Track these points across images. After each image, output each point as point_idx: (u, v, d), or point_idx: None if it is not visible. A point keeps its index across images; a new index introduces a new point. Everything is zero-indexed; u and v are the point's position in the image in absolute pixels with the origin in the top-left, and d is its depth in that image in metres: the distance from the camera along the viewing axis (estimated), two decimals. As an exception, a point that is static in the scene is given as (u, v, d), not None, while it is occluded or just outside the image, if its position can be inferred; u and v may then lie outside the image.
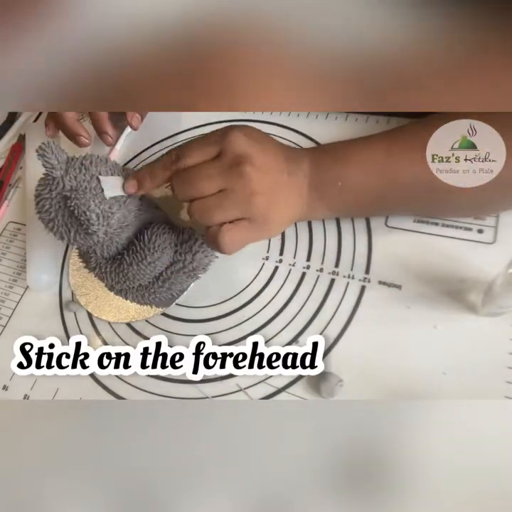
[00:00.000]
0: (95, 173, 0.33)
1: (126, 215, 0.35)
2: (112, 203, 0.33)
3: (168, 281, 0.38)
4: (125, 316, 0.42)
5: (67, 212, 0.33)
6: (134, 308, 0.42)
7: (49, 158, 0.32)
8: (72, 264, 0.47)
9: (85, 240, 0.34)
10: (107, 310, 0.42)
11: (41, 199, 0.33)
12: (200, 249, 0.38)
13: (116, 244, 0.36)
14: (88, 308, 0.43)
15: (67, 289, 0.46)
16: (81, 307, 0.44)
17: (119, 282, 0.38)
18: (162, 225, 0.38)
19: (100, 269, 0.39)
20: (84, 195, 0.32)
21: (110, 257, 0.38)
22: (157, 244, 0.36)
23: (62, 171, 0.33)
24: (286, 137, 0.47)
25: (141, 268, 0.36)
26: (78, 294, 0.44)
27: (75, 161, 0.33)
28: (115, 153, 0.54)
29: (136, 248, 0.36)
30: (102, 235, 0.34)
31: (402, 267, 0.37)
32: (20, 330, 0.45)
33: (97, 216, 0.32)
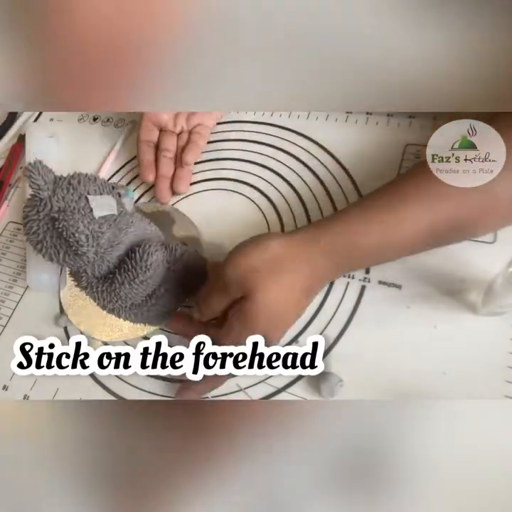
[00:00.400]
0: (84, 192, 0.32)
1: (116, 234, 0.34)
2: (101, 222, 0.32)
3: (161, 299, 0.38)
4: (119, 334, 0.41)
5: (55, 234, 0.32)
6: (128, 327, 0.41)
7: (35, 179, 0.31)
8: (62, 285, 0.45)
9: (75, 260, 0.33)
10: (100, 329, 0.42)
11: (28, 220, 0.32)
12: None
13: (108, 263, 0.35)
14: (81, 328, 0.42)
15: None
16: (70, 322, 0.43)
17: (111, 301, 0.37)
18: (154, 243, 0.36)
19: (92, 288, 0.37)
20: (73, 216, 0.31)
21: (102, 276, 0.37)
22: (149, 262, 0.35)
23: (50, 192, 0.32)
24: (287, 138, 0.47)
25: (133, 287, 0.36)
26: (70, 314, 0.43)
27: (62, 180, 0.32)
28: (114, 153, 0.54)
29: (127, 267, 0.35)
30: (92, 255, 0.33)
31: (402, 267, 0.37)
32: (20, 330, 0.45)
33: (87, 237, 0.31)
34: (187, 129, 0.50)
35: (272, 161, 0.47)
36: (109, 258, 0.35)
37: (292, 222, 0.43)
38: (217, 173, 0.48)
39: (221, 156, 0.49)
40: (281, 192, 0.45)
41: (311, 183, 0.44)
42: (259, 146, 0.48)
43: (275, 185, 0.45)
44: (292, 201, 0.44)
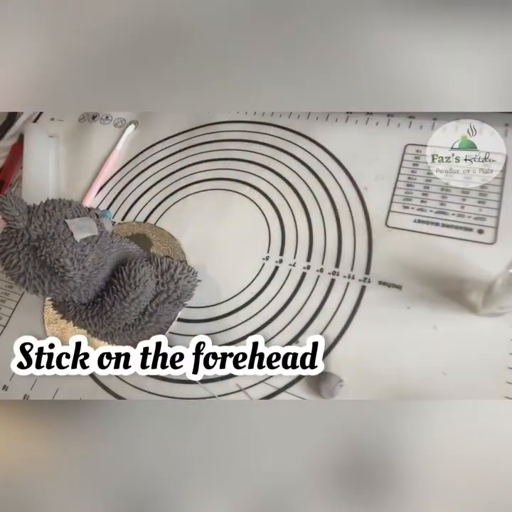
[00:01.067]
0: (60, 217, 0.31)
1: (100, 255, 0.33)
2: (83, 244, 0.32)
3: (154, 315, 0.37)
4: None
5: (38, 263, 0.31)
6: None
7: (9, 211, 0.30)
8: (46, 319, 0.45)
9: (61, 288, 0.32)
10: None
11: (7, 254, 0.31)
12: (181, 276, 0.37)
13: (94, 287, 0.35)
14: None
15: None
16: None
17: (103, 326, 0.36)
18: (139, 259, 0.36)
19: (81, 316, 0.36)
20: (54, 242, 0.30)
21: (89, 302, 0.36)
22: (138, 278, 0.34)
23: (25, 222, 0.31)
24: (287, 138, 0.47)
25: (125, 306, 0.35)
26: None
27: (36, 208, 0.32)
28: (116, 153, 0.54)
29: (116, 287, 0.35)
30: (79, 280, 0.32)
31: (402, 267, 0.37)
32: (20, 330, 0.45)
33: (72, 261, 0.30)
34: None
35: (272, 161, 0.47)
36: (95, 281, 0.34)
37: (292, 222, 0.43)
38: (217, 173, 0.48)
39: (221, 156, 0.49)
40: (281, 192, 0.45)
41: (311, 183, 0.44)
42: (260, 146, 0.48)
43: (275, 185, 0.45)
44: (292, 201, 0.44)
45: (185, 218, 0.46)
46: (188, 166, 0.50)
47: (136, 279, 0.34)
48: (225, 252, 0.43)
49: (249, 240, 0.43)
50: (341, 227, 0.41)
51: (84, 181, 0.53)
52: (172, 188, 0.49)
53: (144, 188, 0.50)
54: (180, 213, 0.47)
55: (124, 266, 0.35)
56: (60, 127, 0.60)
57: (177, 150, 0.51)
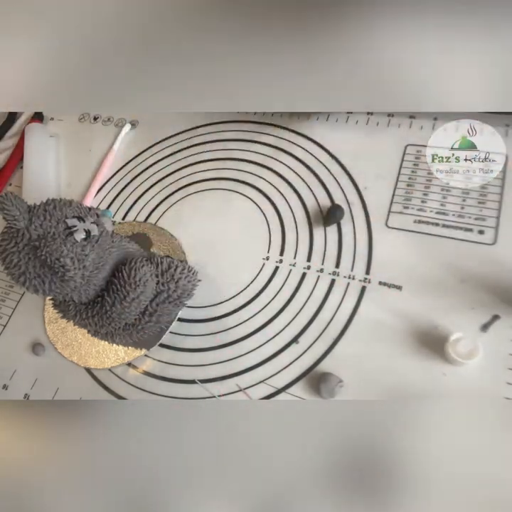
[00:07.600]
0: (61, 217, 0.31)
1: (100, 255, 0.33)
2: (83, 244, 0.32)
3: (155, 315, 0.37)
4: (114, 359, 0.40)
5: (38, 263, 0.31)
6: (124, 350, 0.40)
7: (9, 210, 0.30)
8: (46, 318, 0.45)
9: (62, 288, 0.32)
10: (95, 357, 0.41)
11: (7, 254, 0.31)
12: (182, 275, 0.37)
13: (94, 286, 0.35)
14: (74, 359, 0.42)
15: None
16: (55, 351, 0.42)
17: (103, 326, 0.36)
18: (139, 259, 0.36)
19: (81, 315, 0.36)
20: (55, 242, 0.30)
21: (90, 301, 0.36)
22: (138, 278, 0.34)
23: (26, 221, 0.31)
24: (287, 138, 0.47)
25: (125, 306, 0.35)
26: (59, 348, 0.42)
27: (36, 208, 0.32)
28: (113, 153, 0.54)
29: (116, 287, 0.35)
30: (79, 279, 0.32)
31: (402, 268, 0.37)
32: (20, 329, 0.45)
33: (72, 260, 0.30)
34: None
35: (272, 161, 0.47)
36: (96, 281, 0.34)
37: (292, 223, 0.43)
38: (217, 173, 0.48)
39: (221, 156, 0.49)
40: (282, 192, 0.45)
41: (311, 184, 0.44)
42: (260, 146, 0.48)
43: (275, 185, 0.45)
44: (292, 201, 0.44)
45: (185, 218, 0.46)
46: (188, 165, 0.50)
47: (136, 279, 0.34)
48: (225, 252, 0.43)
49: (249, 240, 0.43)
50: (341, 227, 0.41)
51: (85, 181, 0.53)
52: (172, 187, 0.49)
53: (145, 188, 0.50)
54: (180, 213, 0.47)
55: (125, 265, 0.35)
56: (60, 127, 0.60)
57: (177, 150, 0.51)
